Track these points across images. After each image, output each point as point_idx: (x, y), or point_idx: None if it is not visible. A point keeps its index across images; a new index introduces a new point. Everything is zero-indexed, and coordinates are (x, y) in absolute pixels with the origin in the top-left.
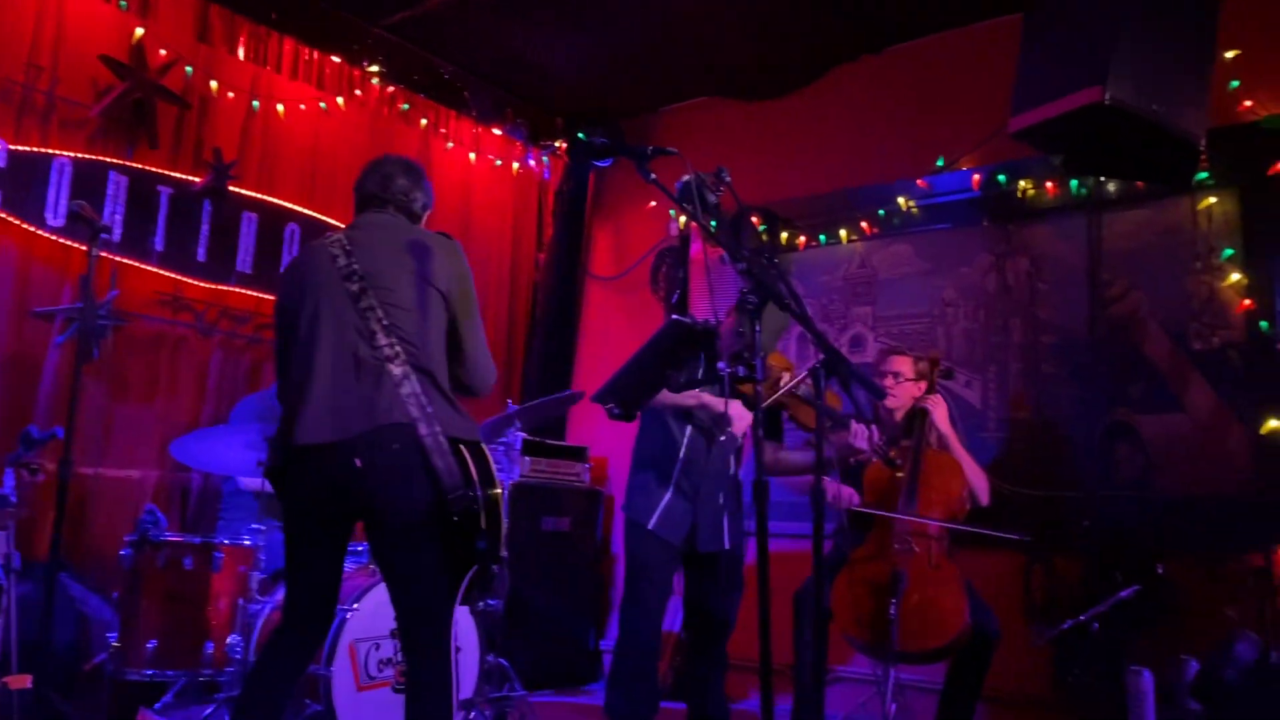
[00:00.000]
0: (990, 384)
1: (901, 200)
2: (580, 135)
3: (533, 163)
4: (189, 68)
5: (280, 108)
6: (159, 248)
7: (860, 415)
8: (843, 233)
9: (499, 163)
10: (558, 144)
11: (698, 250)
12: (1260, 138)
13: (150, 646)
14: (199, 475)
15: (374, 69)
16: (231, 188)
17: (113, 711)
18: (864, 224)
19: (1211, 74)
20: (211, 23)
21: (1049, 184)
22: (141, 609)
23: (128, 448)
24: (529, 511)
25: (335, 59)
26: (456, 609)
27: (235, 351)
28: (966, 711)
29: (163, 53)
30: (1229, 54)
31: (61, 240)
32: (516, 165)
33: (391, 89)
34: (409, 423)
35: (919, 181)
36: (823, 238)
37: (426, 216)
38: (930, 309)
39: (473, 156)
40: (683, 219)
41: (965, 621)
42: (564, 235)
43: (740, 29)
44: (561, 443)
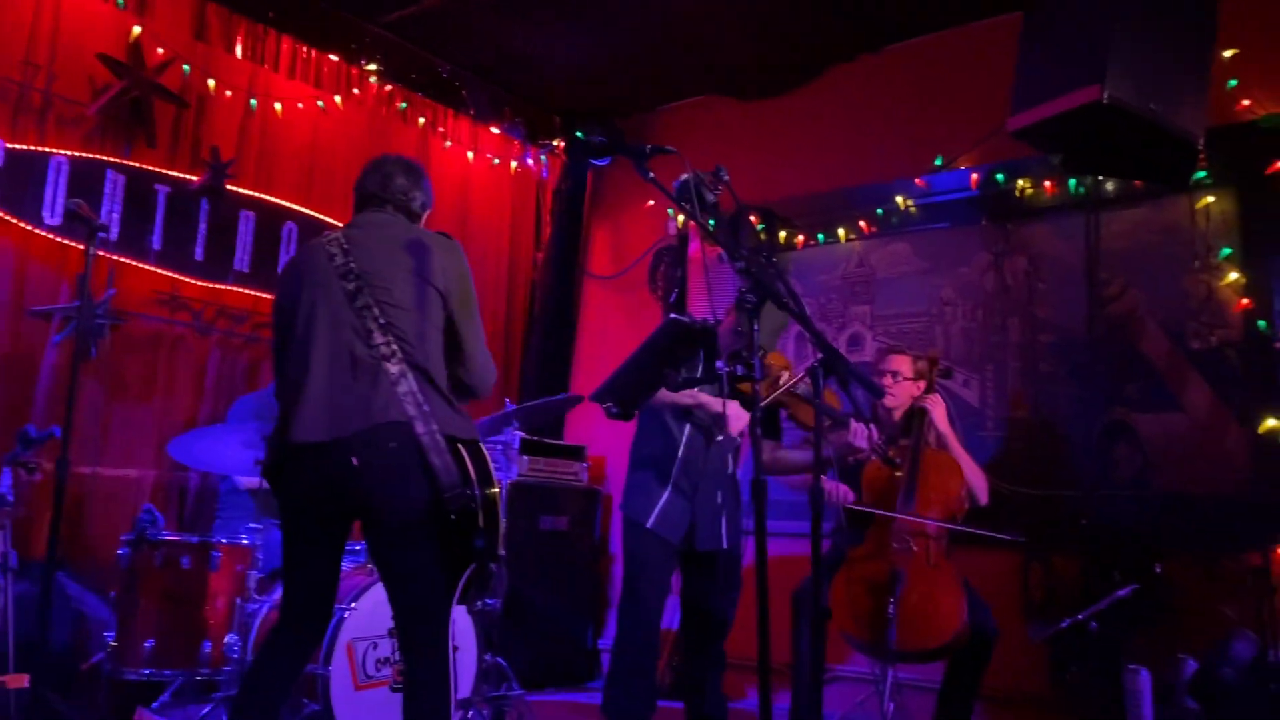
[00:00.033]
0: (988, 383)
1: (900, 199)
2: (578, 134)
3: (531, 161)
4: (186, 66)
5: (278, 106)
6: (156, 247)
7: (859, 414)
8: (841, 232)
9: (497, 161)
10: (556, 143)
11: (696, 249)
12: (1258, 137)
13: (148, 646)
14: (196, 474)
15: (372, 67)
16: (229, 186)
17: (110, 711)
18: (862, 223)
19: (1210, 73)
20: (209, 21)
21: (1047, 183)
22: (139, 608)
23: (125, 447)
24: (527, 510)
25: (333, 57)
26: (454, 608)
27: (233, 350)
28: (964, 710)
29: (160, 51)
30: (1227, 53)
31: (59, 239)
32: (514, 164)
33: (389, 87)
34: (406, 421)
35: (917, 180)
36: (821, 237)
37: (426, 216)
38: (928, 308)
39: (471, 155)
40: (681, 218)
41: (963, 620)
42: (562, 234)
43: (739, 28)
44: (559, 442)
